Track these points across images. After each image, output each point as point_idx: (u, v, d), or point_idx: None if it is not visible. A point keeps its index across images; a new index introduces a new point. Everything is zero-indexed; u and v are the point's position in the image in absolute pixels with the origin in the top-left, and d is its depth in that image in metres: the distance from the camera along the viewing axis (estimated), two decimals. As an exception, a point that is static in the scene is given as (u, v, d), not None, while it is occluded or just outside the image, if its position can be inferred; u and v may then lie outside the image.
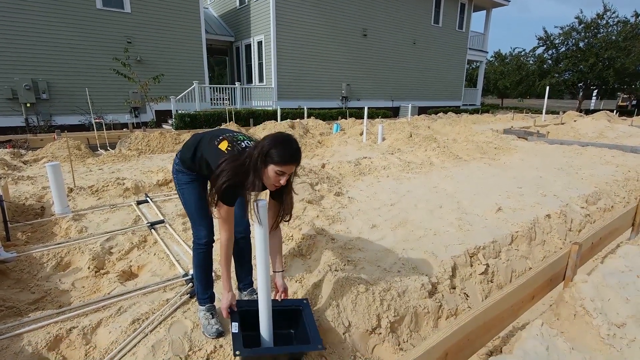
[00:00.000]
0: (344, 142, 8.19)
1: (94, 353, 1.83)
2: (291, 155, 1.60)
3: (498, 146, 7.59)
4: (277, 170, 1.59)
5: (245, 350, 1.63)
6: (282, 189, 1.78)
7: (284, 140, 1.61)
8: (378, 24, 16.69)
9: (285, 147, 1.59)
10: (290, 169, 1.63)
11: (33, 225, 3.34)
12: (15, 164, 5.87)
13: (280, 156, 1.57)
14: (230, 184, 1.60)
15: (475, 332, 1.76)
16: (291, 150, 1.60)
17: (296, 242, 2.87)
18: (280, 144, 1.58)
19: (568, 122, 12.96)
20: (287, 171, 1.62)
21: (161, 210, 3.73)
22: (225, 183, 1.59)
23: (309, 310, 1.94)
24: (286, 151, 1.58)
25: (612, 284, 2.30)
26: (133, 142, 7.41)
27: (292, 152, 1.60)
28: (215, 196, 1.64)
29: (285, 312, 1.93)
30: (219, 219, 1.74)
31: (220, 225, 1.75)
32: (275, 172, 1.60)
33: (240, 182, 1.62)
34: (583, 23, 23.27)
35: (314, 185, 4.24)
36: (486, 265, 2.79)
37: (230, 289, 1.86)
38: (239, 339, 1.66)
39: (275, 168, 1.58)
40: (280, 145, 1.58)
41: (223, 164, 1.63)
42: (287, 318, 1.95)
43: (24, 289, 2.42)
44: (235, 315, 1.78)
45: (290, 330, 1.98)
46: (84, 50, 10.77)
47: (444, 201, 4.03)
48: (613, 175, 5.46)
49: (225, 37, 16.14)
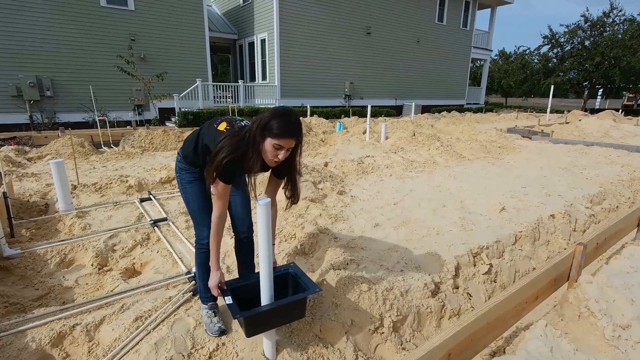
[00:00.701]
0: (347, 140, 8.17)
1: (97, 350, 1.83)
2: (289, 127, 1.54)
3: (502, 145, 7.55)
4: (275, 143, 1.54)
5: (245, 312, 1.59)
6: (286, 171, 1.77)
7: (284, 112, 1.56)
8: (382, 22, 16.63)
9: (285, 119, 1.54)
10: (288, 143, 1.56)
11: (37, 222, 3.36)
12: (20, 161, 5.90)
13: (278, 128, 1.52)
14: (230, 159, 1.56)
15: (479, 332, 1.76)
16: (290, 123, 1.54)
17: (299, 240, 2.87)
18: (280, 115, 1.54)
19: (573, 122, 12.87)
20: (285, 145, 1.56)
21: (164, 208, 3.74)
22: (226, 158, 1.55)
23: (299, 269, 1.94)
24: (285, 123, 1.53)
25: (617, 285, 2.29)
26: (136, 139, 7.43)
27: (291, 124, 1.54)
28: (214, 173, 1.59)
29: (278, 279, 1.86)
30: (213, 196, 1.69)
31: (214, 201, 1.71)
32: (273, 146, 1.54)
33: (240, 158, 1.59)
34: (589, 21, 23.06)
35: (316, 184, 4.24)
36: (489, 265, 2.78)
37: (219, 268, 1.80)
38: (234, 306, 1.61)
39: (273, 141, 1.53)
40: (279, 117, 1.53)
41: (222, 140, 1.59)
42: (281, 285, 1.91)
43: (28, 285, 2.43)
44: (226, 291, 1.74)
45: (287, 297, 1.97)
46: (88, 48, 10.81)
47: (447, 200, 4.01)
48: (618, 175, 5.41)
49: (228, 35, 16.13)
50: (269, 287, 1.67)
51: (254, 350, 1.82)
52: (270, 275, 1.65)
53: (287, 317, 1.78)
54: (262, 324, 1.68)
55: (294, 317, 1.82)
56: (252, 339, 1.86)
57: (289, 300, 1.71)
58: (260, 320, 1.66)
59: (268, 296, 1.68)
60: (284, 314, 1.74)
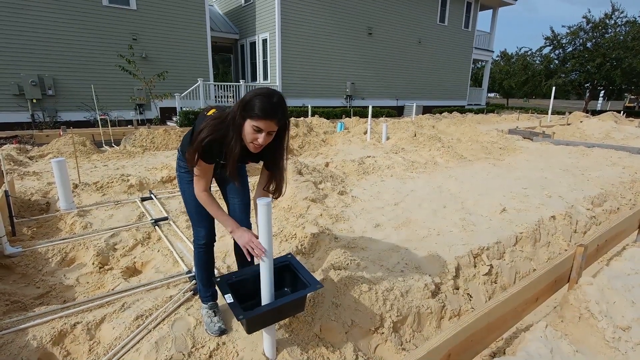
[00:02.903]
0: (348, 140, 8.17)
1: (98, 348, 1.84)
2: (269, 109, 1.44)
3: (503, 146, 7.55)
4: (254, 125, 1.46)
5: (248, 313, 1.58)
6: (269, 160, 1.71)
7: (267, 92, 1.47)
8: (383, 23, 16.63)
9: (266, 99, 1.45)
10: (268, 125, 1.47)
11: (38, 220, 3.37)
12: (21, 160, 5.91)
13: (258, 108, 1.43)
14: (210, 139, 1.51)
15: (479, 333, 1.76)
16: (270, 104, 1.44)
17: (299, 240, 2.87)
18: (261, 95, 1.46)
19: (574, 123, 12.86)
20: (264, 128, 1.47)
21: (165, 207, 3.75)
22: (205, 139, 1.51)
23: (296, 261, 1.91)
24: (264, 104, 1.44)
25: (618, 286, 2.28)
26: (138, 139, 7.45)
27: (271, 105, 1.44)
28: (195, 154, 1.55)
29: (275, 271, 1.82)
30: (196, 175, 1.66)
31: (196, 181, 1.68)
32: (252, 128, 1.47)
33: (221, 138, 1.54)
34: (591, 23, 23.04)
35: (317, 184, 4.24)
36: (490, 266, 2.78)
37: (238, 226, 1.70)
38: (236, 306, 1.60)
39: (252, 122, 1.46)
40: (260, 96, 1.45)
41: (205, 122, 1.57)
42: (280, 278, 1.89)
43: (29, 283, 2.44)
44: (225, 288, 1.71)
45: (284, 289, 1.96)
46: (90, 47, 10.83)
47: (448, 201, 4.01)
48: (619, 177, 5.40)
49: (230, 35, 16.15)
50: (270, 286, 1.67)
51: (254, 350, 1.82)
52: (270, 274, 1.65)
53: (288, 313, 1.79)
54: (263, 322, 1.69)
55: (294, 312, 1.83)
56: (252, 338, 1.86)
57: (291, 298, 1.71)
58: (262, 318, 1.66)
59: (269, 295, 1.68)
60: (285, 311, 1.75)
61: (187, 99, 12.05)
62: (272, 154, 1.70)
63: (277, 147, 1.67)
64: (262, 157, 1.75)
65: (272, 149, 1.67)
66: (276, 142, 1.65)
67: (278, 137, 1.63)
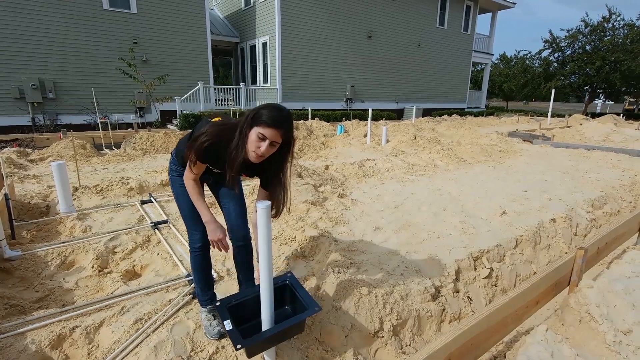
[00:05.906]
0: (347, 143, 8.18)
1: (97, 352, 1.83)
2: (277, 118, 1.51)
3: (503, 149, 7.55)
4: (259, 132, 1.51)
5: (247, 341, 1.58)
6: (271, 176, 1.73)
7: (277, 106, 1.57)
8: (383, 26, 16.69)
9: (275, 111, 1.53)
10: (273, 134, 1.51)
11: (38, 223, 3.36)
12: (22, 163, 5.92)
13: (266, 116, 1.50)
14: (211, 143, 1.57)
15: (479, 336, 1.75)
16: (279, 115, 1.52)
17: (299, 243, 2.87)
18: (271, 106, 1.55)
19: (574, 126, 12.87)
20: (269, 136, 1.51)
21: (165, 210, 3.74)
22: (206, 142, 1.56)
23: (296, 281, 1.92)
24: (273, 114, 1.51)
25: (618, 290, 2.28)
26: (138, 142, 7.46)
27: (279, 116, 1.52)
28: (194, 155, 1.61)
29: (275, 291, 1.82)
30: (188, 170, 1.72)
31: (186, 169, 1.72)
32: (257, 135, 1.52)
33: (225, 142, 1.58)
34: (589, 26, 23.12)
35: (317, 187, 4.24)
36: (490, 269, 2.77)
37: (214, 220, 1.77)
38: (235, 333, 1.61)
39: (258, 129, 1.51)
40: (270, 107, 1.54)
41: (207, 126, 1.62)
42: (279, 297, 1.89)
43: (28, 287, 2.43)
44: (225, 313, 1.71)
45: (285, 307, 1.96)
46: (91, 50, 10.86)
47: (447, 204, 4.01)
48: (619, 179, 5.40)
49: (230, 38, 16.21)
50: (270, 310, 1.67)
51: (253, 354, 1.81)
52: (271, 298, 1.65)
53: (287, 335, 1.80)
54: (263, 347, 1.71)
55: (293, 334, 1.84)
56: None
57: (290, 324, 1.72)
58: (262, 344, 1.68)
59: (269, 319, 1.68)
60: (284, 335, 1.76)
61: (188, 102, 12.08)
62: (275, 171, 1.71)
63: (280, 163, 1.68)
64: (259, 174, 1.77)
65: (275, 165, 1.68)
66: (277, 161, 1.66)
67: (280, 154, 1.63)
